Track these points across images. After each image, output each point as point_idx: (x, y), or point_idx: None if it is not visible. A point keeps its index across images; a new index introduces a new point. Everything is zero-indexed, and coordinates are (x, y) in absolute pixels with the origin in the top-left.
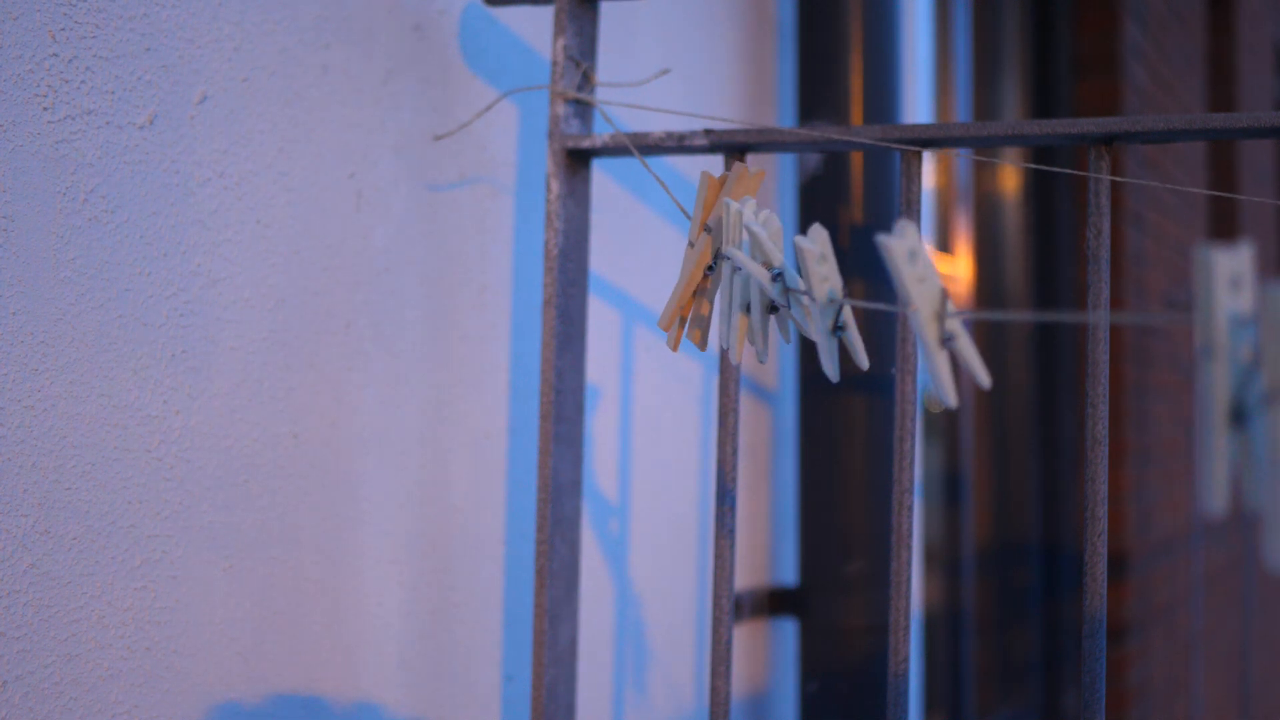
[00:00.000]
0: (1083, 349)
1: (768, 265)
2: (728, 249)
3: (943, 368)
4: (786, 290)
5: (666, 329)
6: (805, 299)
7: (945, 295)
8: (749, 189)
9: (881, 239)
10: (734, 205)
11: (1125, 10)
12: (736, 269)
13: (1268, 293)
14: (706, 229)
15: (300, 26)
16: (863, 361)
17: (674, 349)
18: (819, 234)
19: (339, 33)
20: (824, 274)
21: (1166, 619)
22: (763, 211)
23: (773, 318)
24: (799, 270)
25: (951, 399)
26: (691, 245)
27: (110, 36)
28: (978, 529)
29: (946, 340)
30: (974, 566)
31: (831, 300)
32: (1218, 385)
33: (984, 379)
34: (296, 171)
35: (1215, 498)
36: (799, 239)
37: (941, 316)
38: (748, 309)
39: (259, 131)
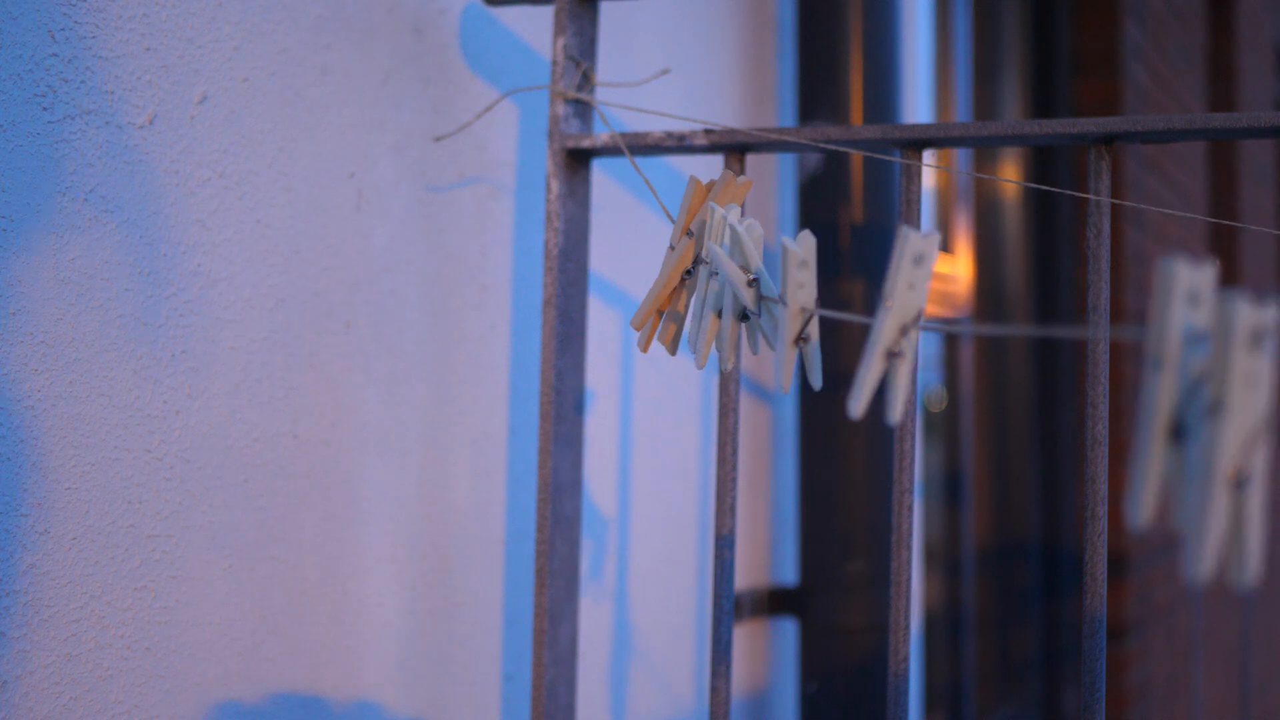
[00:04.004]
0: (1083, 349)
1: (745, 269)
2: (710, 243)
3: (873, 376)
4: (760, 297)
5: (638, 329)
6: (776, 307)
7: (921, 314)
8: (735, 198)
9: (906, 230)
10: (718, 210)
11: (1125, 10)
12: (713, 274)
13: (1222, 305)
14: (689, 233)
15: (300, 27)
16: (816, 380)
17: (644, 349)
18: (806, 240)
19: (339, 33)
20: (802, 280)
21: (1166, 619)
22: (747, 220)
23: (743, 326)
24: (781, 268)
25: (861, 408)
26: (672, 248)
27: (110, 36)
28: (978, 529)
29: (894, 354)
30: (974, 566)
31: (803, 309)
32: (1162, 398)
33: (895, 415)
34: (296, 171)
35: (1142, 510)
36: (786, 240)
37: (905, 330)
38: (720, 315)
39: (259, 131)
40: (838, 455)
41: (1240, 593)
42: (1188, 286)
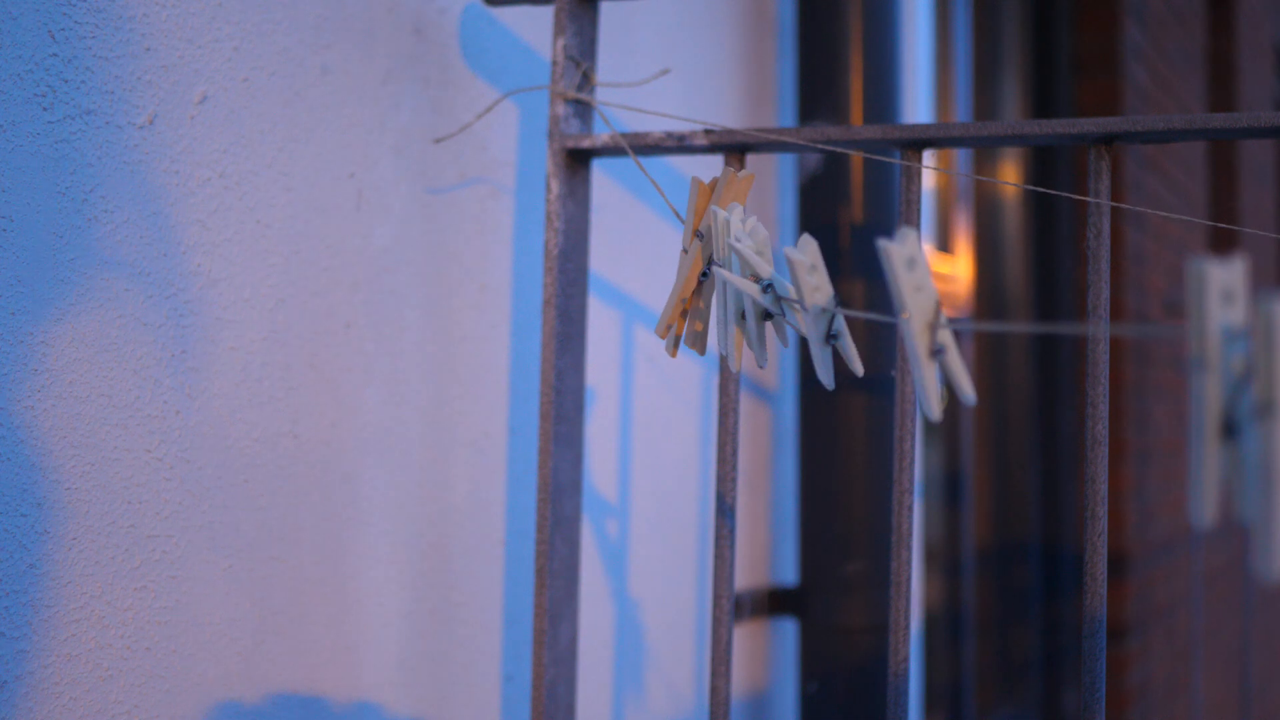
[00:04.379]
0: (1083, 349)
1: (756, 279)
2: (716, 267)
3: (929, 379)
4: (779, 299)
5: (663, 336)
6: (798, 307)
7: (939, 305)
8: (738, 194)
9: (882, 244)
10: (721, 214)
11: (1125, 10)
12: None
13: (1260, 304)
14: (699, 235)
15: (300, 27)
16: (857, 368)
17: (672, 355)
18: (808, 244)
19: (339, 33)
20: (815, 284)
21: (1166, 619)
22: (749, 220)
23: (769, 323)
24: (791, 278)
25: (936, 411)
26: (685, 251)
27: (110, 36)
28: (978, 529)
29: (936, 352)
30: (974, 566)
31: (824, 310)
32: (1209, 398)
33: (969, 395)
34: (296, 171)
35: (1206, 510)
36: (789, 250)
37: (934, 327)
38: (743, 316)
39: (259, 131)
40: (838, 455)
41: (1255, 589)
42: (1221, 285)
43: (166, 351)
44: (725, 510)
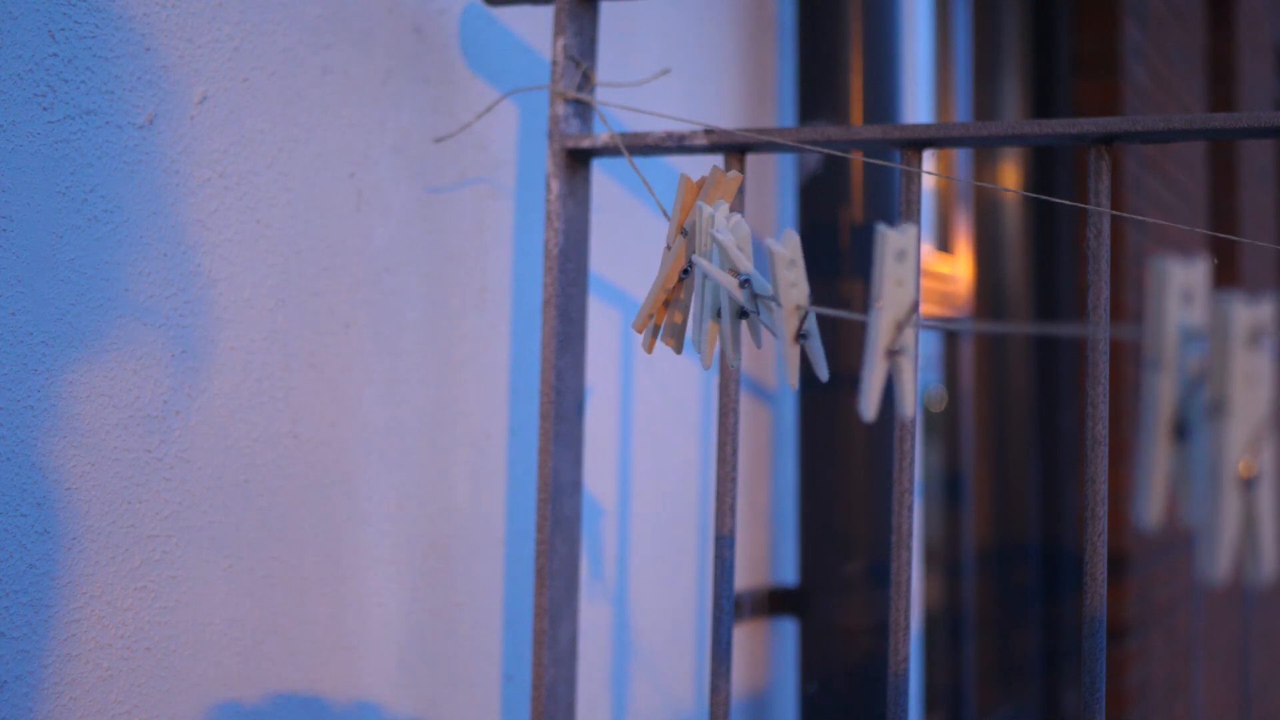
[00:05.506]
0: (1083, 349)
1: (735, 273)
2: (696, 257)
3: (877, 376)
4: (755, 296)
5: (640, 331)
6: (772, 304)
7: (915, 307)
8: (726, 193)
9: (881, 228)
10: (706, 209)
11: (1125, 10)
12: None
13: (1218, 305)
14: (684, 232)
15: (300, 27)
16: (822, 373)
17: (649, 350)
18: (790, 238)
19: (339, 33)
20: (792, 279)
21: (1166, 619)
22: (733, 216)
23: (744, 322)
24: (769, 271)
25: (873, 410)
26: (669, 248)
27: (110, 36)
28: (978, 529)
29: (894, 352)
30: (974, 566)
31: (797, 307)
32: (1162, 397)
33: (909, 409)
34: (296, 171)
35: (1151, 511)
36: (770, 242)
37: (902, 326)
38: (719, 314)
39: (259, 131)
40: (838, 455)
41: (1255, 590)
42: (1181, 285)
43: (166, 351)
44: (726, 510)
